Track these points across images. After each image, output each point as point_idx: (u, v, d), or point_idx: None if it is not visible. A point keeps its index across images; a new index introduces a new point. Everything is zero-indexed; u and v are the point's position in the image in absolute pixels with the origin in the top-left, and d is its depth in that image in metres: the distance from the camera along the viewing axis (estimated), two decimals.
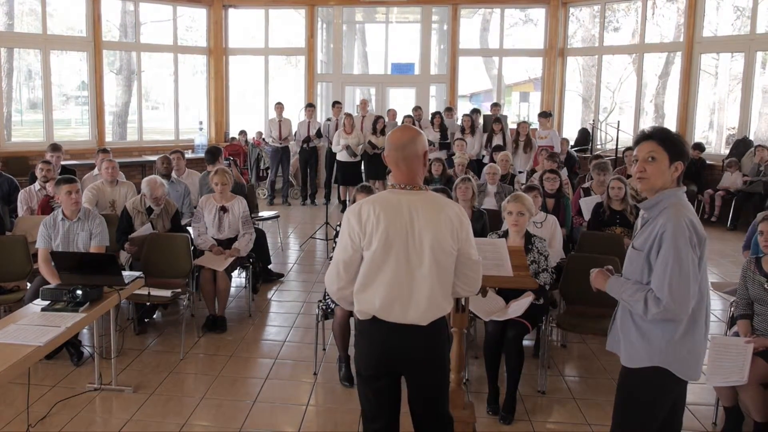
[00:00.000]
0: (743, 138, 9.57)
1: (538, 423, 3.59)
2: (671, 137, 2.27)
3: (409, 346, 2.32)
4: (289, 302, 5.68)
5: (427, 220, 2.28)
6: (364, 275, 2.31)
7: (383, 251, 2.26)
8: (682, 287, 2.14)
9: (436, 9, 12.20)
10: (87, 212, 4.44)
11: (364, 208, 2.29)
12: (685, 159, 2.27)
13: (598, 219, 5.28)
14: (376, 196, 2.38)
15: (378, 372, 2.38)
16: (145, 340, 4.73)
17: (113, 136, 12.41)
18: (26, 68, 13.07)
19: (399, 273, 2.27)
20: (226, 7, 12.06)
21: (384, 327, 2.31)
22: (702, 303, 2.24)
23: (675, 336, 2.22)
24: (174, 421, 3.55)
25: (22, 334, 2.99)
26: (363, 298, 2.32)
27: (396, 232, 2.26)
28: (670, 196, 2.24)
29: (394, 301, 2.29)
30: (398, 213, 2.28)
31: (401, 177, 2.36)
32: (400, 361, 2.36)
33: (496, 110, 10.44)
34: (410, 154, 2.33)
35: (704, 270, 2.23)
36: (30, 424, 3.41)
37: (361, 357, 2.42)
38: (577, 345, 4.72)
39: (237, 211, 5.21)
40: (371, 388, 2.41)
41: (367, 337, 2.38)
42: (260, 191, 10.49)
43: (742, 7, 10.96)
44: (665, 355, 2.24)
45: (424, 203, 2.31)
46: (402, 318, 2.30)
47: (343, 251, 2.32)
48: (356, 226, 2.28)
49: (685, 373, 2.26)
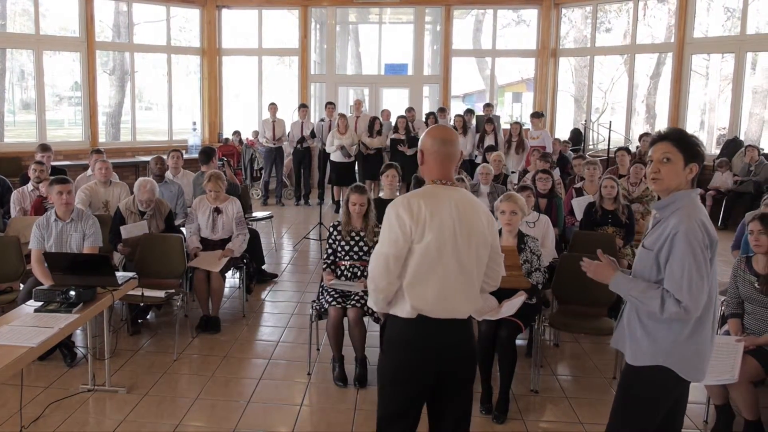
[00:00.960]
0: (734, 138, 9.64)
1: (531, 422, 3.61)
2: (687, 139, 2.27)
3: (452, 342, 2.31)
4: (283, 302, 5.68)
5: (470, 214, 2.30)
6: (417, 269, 2.25)
7: (437, 244, 2.23)
8: (701, 288, 2.15)
9: (429, 10, 12.22)
10: (80, 213, 4.42)
11: (414, 201, 2.25)
12: (700, 161, 2.27)
13: (591, 219, 5.32)
14: (421, 191, 2.33)
15: (420, 371, 2.30)
16: (139, 340, 4.72)
17: (106, 137, 12.36)
18: (19, 68, 13.02)
19: (452, 266, 2.26)
20: (220, 7, 12.04)
21: (428, 324, 2.27)
22: (710, 304, 2.24)
23: (681, 336, 2.22)
24: (168, 421, 3.55)
25: (14, 335, 2.97)
26: (415, 292, 2.26)
27: (448, 225, 2.25)
28: (683, 197, 2.24)
29: (448, 295, 2.27)
30: (447, 207, 2.27)
31: (442, 173, 2.34)
32: (442, 358, 2.30)
33: (488, 110, 10.48)
34: (455, 152, 2.37)
35: (714, 271, 2.24)
36: (23, 425, 3.39)
37: (401, 359, 2.31)
38: (569, 344, 4.74)
39: (231, 212, 5.21)
40: (408, 390, 2.32)
41: (409, 337, 2.29)
42: (254, 192, 10.48)
43: (733, 8, 11.05)
44: (670, 354, 2.24)
45: (464, 199, 2.34)
46: (450, 313, 2.28)
47: (393, 244, 2.24)
48: (408, 219, 2.22)
49: (688, 373, 2.26)
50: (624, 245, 5.21)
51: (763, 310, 3.47)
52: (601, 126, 11.46)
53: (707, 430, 3.54)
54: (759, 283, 3.47)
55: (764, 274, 3.48)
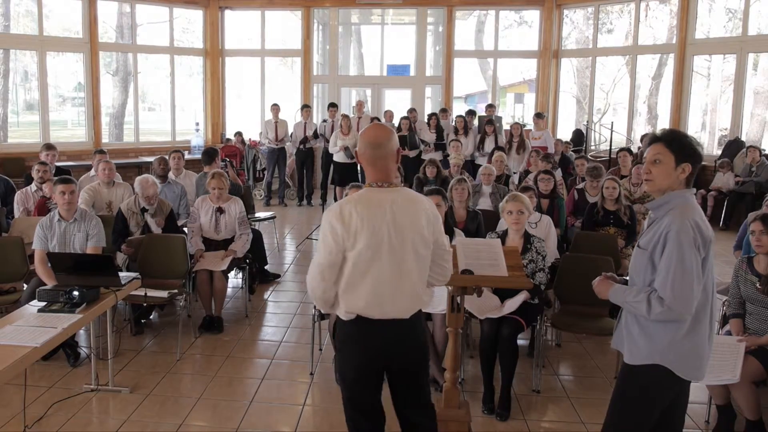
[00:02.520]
0: (735, 139, 9.65)
1: (532, 422, 3.62)
2: (678, 139, 2.28)
3: (395, 340, 2.38)
4: (286, 303, 5.69)
5: (406, 215, 2.33)
6: (350, 275, 2.31)
7: (369, 250, 2.28)
8: (685, 287, 2.17)
9: (431, 11, 12.24)
10: (83, 213, 4.44)
11: (346, 209, 2.29)
12: (694, 160, 2.27)
13: (592, 219, 5.32)
14: (356, 196, 2.37)
15: (369, 370, 2.41)
16: (142, 340, 4.74)
17: (110, 138, 12.39)
18: (22, 69, 13.05)
19: (386, 270, 2.31)
20: (223, 8, 12.07)
21: (369, 324, 2.35)
22: (706, 303, 2.26)
23: (677, 335, 2.24)
24: (171, 421, 3.56)
25: (18, 335, 2.99)
26: (349, 298, 2.34)
27: (380, 230, 2.28)
28: (677, 197, 2.26)
29: (381, 298, 2.32)
30: (380, 211, 2.30)
31: (378, 175, 2.38)
32: (387, 356, 2.40)
33: (491, 111, 10.48)
34: (387, 153, 2.37)
35: (709, 271, 2.25)
36: (27, 425, 3.41)
37: (349, 359, 2.43)
38: (571, 344, 4.75)
39: (234, 212, 5.22)
40: (361, 388, 2.44)
41: (353, 337, 2.39)
42: (256, 192, 10.51)
43: (734, 9, 11.04)
44: (666, 353, 2.26)
45: (401, 199, 2.36)
46: (388, 314, 2.34)
47: (327, 254, 2.29)
48: (339, 228, 2.26)
49: (685, 372, 2.28)
50: (626, 245, 5.21)
51: (764, 310, 3.47)
52: (602, 127, 11.48)
53: (709, 430, 3.54)
54: (760, 283, 3.48)
55: (766, 274, 3.48)
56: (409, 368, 2.45)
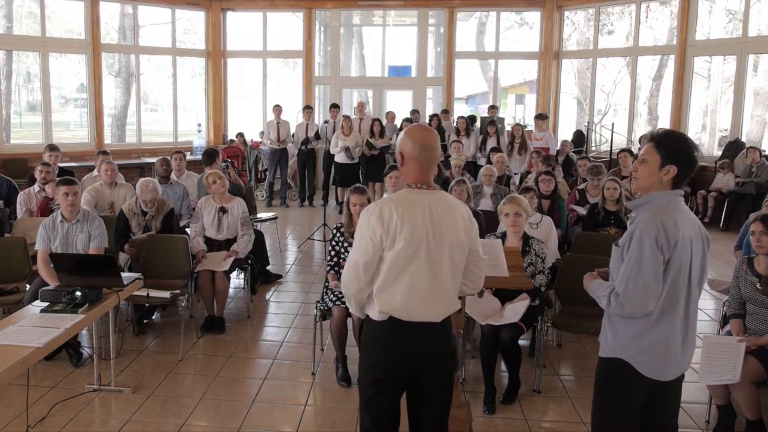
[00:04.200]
0: (735, 140, 9.65)
1: (533, 422, 3.63)
2: (669, 141, 2.29)
3: (426, 344, 2.33)
4: (288, 303, 5.71)
5: (445, 219, 2.31)
6: (386, 275, 2.29)
7: (408, 251, 2.25)
8: (638, 285, 2.20)
9: (432, 12, 12.25)
10: (86, 214, 4.46)
11: (386, 209, 2.27)
12: (682, 163, 2.26)
13: (593, 220, 5.34)
14: (395, 197, 2.34)
15: (394, 372, 2.35)
16: (144, 341, 4.76)
17: (112, 138, 12.44)
18: (25, 71, 13.10)
19: (422, 272, 2.28)
20: (225, 10, 12.10)
21: (400, 326, 2.30)
22: (676, 304, 2.27)
23: (639, 331, 2.28)
24: (173, 421, 3.57)
25: (21, 335, 3.00)
26: (384, 297, 2.30)
27: (419, 232, 2.26)
28: (658, 198, 2.28)
29: (416, 300, 2.29)
30: (420, 212, 2.28)
31: (421, 176, 2.35)
32: (417, 360, 2.34)
33: (493, 112, 10.50)
34: (436, 156, 2.37)
35: (676, 272, 2.24)
36: (29, 425, 3.42)
37: (375, 359, 2.37)
38: (572, 344, 4.76)
39: (236, 212, 5.23)
40: (382, 391, 2.37)
41: (382, 338, 2.34)
42: (258, 193, 10.53)
43: (734, 10, 11.05)
44: (627, 348, 2.30)
45: (440, 202, 2.34)
46: (422, 317, 2.30)
47: (363, 252, 2.28)
48: (379, 227, 2.25)
49: (646, 369, 2.29)
50: None
51: (764, 310, 3.48)
52: (603, 127, 11.48)
53: (709, 430, 3.55)
54: (761, 284, 3.48)
55: (766, 275, 3.49)
56: (433, 375, 2.38)
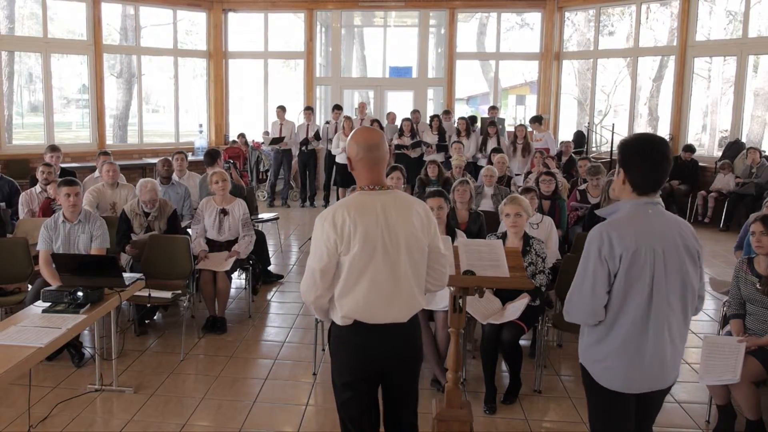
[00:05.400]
0: (735, 140, 9.66)
1: (534, 422, 3.63)
2: (620, 146, 2.26)
3: (393, 345, 2.36)
4: (289, 303, 5.72)
5: (400, 218, 2.31)
6: (345, 280, 2.29)
7: (363, 254, 2.26)
8: (580, 296, 2.21)
9: (433, 13, 12.27)
10: (88, 214, 4.47)
11: (338, 214, 2.26)
12: (627, 167, 2.19)
13: (593, 220, 5.34)
14: (347, 200, 2.34)
15: (365, 375, 2.38)
16: (146, 341, 4.77)
17: (114, 139, 12.47)
18: (27, 71, 13.13)
19: (380, 274, 2.28)
20: (226, 11, 12.12)
21: (365, 329, 2.32)
22: (630, 317, 2.16)
23: (593, 340, 2.27)
24: (174, 421, 3.58)
25: (23, 335, 3.01)
26: (345, 302, 2.31)
27: (374, 234, 2.26)
28: (621, 206, 2.24)
29: (378, 302, 2.30)
30: (373, 214, 2.28)
31: (372, 178, 2.36)
32: (384, 360, 2.37)
33: (493, 113, 10.51)
34: (382, 155, 2.36)
35: (629, 285, 2.14)
36: (31, 425, 3.43)
37: (344, 363, 2.40)
38: (572, 344, 4.74)
39: (237, 214, 5.25)
40: (356, 392, 2.40)
41: (349, 342, 2.36)
42: (260, 193, 10.55)
43: (734, 11, 11.06)
44: (585, 355, 2.32)
45: (394, 202, 2.34)
46: (385, 318, 2.32)
47: (318, 259, 2.28)
48: (332, 233, 2.24)
49: (602, 378, 2.25)
50: None
51: (764, 311, 3.48)
52: (604, 128, 11.49)
53: (709, 430, 3.56)
54: (761, 284, 3.49)
55: (766, 275, 3.49)
56: (403, 372, 2.44)
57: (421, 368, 2.62)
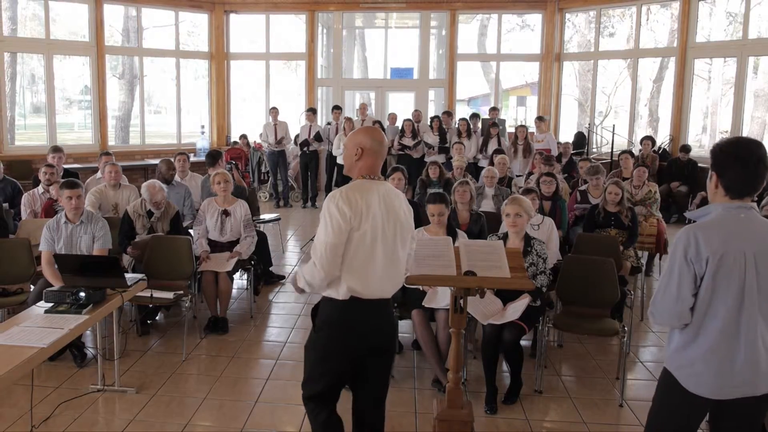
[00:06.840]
0: None
1: (535, 422, 3.64)
2: (713, 149, 2.24)
3: (382, 319, 2.60)
4: (290, 304, 5.73)
5: (394, 205, 2.59)
6: (353, 255, 2.46)
7: (371, 233, 2.47)
8: (665, 298, 2.17)
9: (434, 14, 12.29)
10: (90, 215, 4.48)
11: (351, 194, 2.47)
12: (719, 169, 2.19)
13: (594, 221, 5.36)
14: (354, 185, 2.54)
15: (350, 352, 2.55)
16: (148, 341, 4.78)
17: (116, 140, 12.49)
18: (29, 73, 13.17)
19: (381, 252, 2.50)
20: (228, 12, 12.15)
21: (359, 305, 2.50)
22: (720, 320, 2.12)
23: (681, 344, 2.23)
24: (176, 421, 3.59)
25: (25, 335, 3.02)
26: (351, 276, 2.48)
27: (377, 216, 2.49)
28: (712, 209, 2.20)
29: (378, 279, 2.52)
30: (377, 198, 2.51)
31: (374, 168, 2.61)
32: (374, 334, 2.57)
33: (494, 114, 10.53)
34: (386, 151, 2.70)
35: (717, 287, 2.11)
36: (33, 425, 3.44)
37: (333, 346, 2.55)
38: (573, 345, 4.77)
39: (239, 215, 5.26)
40: (337, 370, 2.58)
41: (343, 319, 2.52)
42: (261, 194, 10.57)
43: (735, 12, 11.07)
44: (671, 359, 2.28)
45: (389, 191, 2.62)
46: (381, 293, 2.55)
47: (336, 234, 2.42)
48: (348, 211, 2.42)
49: (688, 383, 2.22)
50: (626, 247, 5.24)
51: None
52: (604, 129, 11.49)
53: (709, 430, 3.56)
54: None
55: None
56: (383, 345, 2.64)
57: (422, 368, 2.65)
